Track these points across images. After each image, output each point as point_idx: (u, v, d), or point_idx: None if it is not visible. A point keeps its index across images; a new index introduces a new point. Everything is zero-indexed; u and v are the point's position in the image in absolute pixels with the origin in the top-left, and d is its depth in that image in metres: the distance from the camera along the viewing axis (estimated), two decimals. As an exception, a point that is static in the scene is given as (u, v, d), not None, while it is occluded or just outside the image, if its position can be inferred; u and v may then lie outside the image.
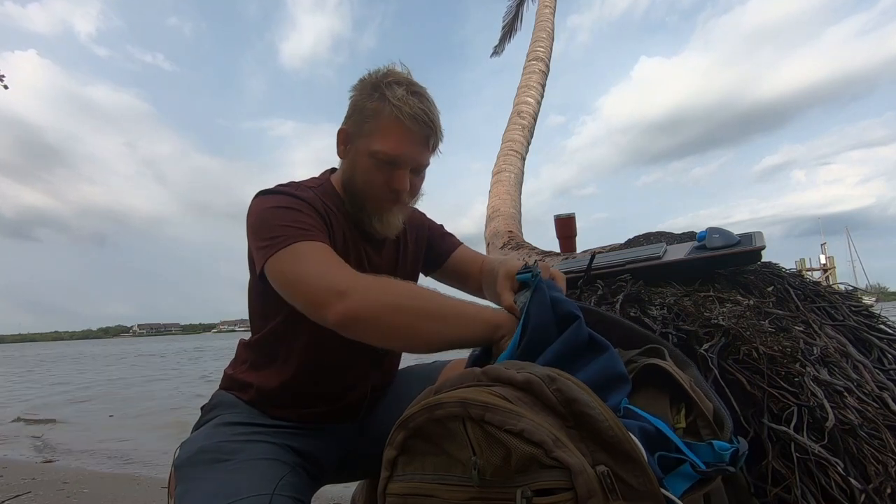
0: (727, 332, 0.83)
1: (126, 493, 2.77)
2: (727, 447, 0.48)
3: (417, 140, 0.82)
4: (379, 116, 0.80)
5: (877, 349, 0.91)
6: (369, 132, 0.81)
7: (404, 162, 0.81)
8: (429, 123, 0.81)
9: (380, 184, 0.82)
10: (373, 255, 0.90)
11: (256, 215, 0.78)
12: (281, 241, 0.72)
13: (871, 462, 0.65)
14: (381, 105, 0.80)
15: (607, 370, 0.55)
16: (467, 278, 1.01)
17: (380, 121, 0.80)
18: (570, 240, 1.81)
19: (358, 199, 0.85)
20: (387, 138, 0.80)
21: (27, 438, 4.71)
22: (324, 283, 0.67)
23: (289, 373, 0.85)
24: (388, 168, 0.81)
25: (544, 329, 0.60)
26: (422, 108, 0.80)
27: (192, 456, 0.75)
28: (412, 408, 0.49)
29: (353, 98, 0.85)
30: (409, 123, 0.79)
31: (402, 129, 0.79)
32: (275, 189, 0.82)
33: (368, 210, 0.84)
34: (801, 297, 1.00)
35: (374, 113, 0.80)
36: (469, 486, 0.44)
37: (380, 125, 0.80)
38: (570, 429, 0.44)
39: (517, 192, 4.40)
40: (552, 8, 6.25)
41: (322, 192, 0.86)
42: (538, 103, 5.28)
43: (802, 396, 0.72)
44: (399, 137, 0.80)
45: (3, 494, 2.63)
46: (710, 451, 0.48)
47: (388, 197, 0.83)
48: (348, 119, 0.85)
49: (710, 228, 1.08)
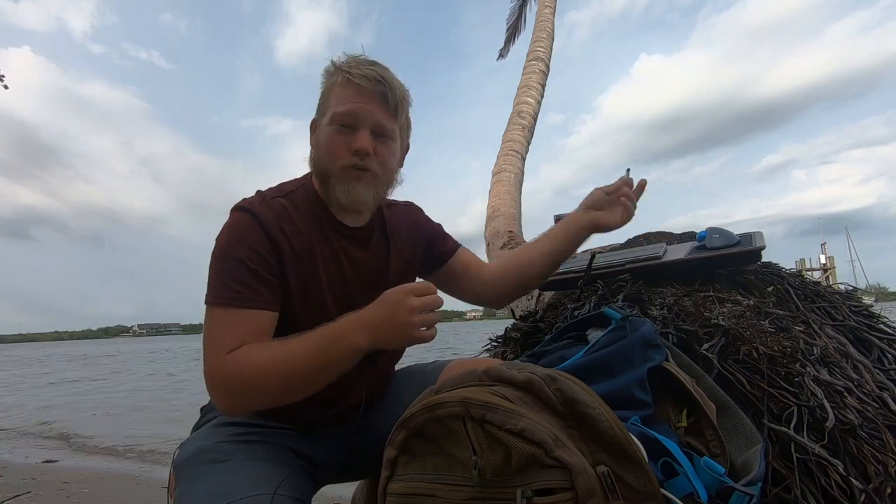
0: (727, 332, 0.83)
1: (126, 493, 2.77)
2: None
3: (371, 96, 0.81)
4: (334, 87, 0.82)
5: (877, 349, 0.91)
6: (327, 107, 0.83)
7: (361, 120, 0.80)
8: (381, 80, 0.81)
9: (341, 149, 0.81)
10: (354, 251, 0.88)
11: (217, 247, 0.78)
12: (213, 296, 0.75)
13: (871, 462, 0.65)
14: (334, 78, 0.82)
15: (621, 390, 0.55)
16: (465, 281, 1.01)
17: (335, 90, 0.82)
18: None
19: (325, 176, 0.83)
20: (341, 100, 0.81)
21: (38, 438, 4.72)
22: (206, 370, 0.72)
23: None
24: (348, 131, 0.81)
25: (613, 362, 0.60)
26: (372, 68, 0.81)
27: (191, 456, 0.75)
28: (413, 407, 0.49)
29: (320, 90, 0.87)
30: (360, 81, 0.80)
31: (353, 87, 0.80)
32: (246, 206, 0.80)
33: (333, 183, 0.82)
34: (801, 297, 1.00)
35: (331, 87, 0.83)
36: (469, 485, 0.44)
37: (335, 93, 0.82)
38: (571, 429, 0.44)
39: (517, 192, 4.39)
40: (552, 8, 6.25)
41: (301, 194, 0.85)
42: (538, 103, 5.28)
43: (802, 396, 0.72)
44: (352, 95, 0.80)
45: (3, 494, 2.63)
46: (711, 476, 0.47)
47: (351, 162, 0.81)
48: (317, 109, 0.88)
49: (710, 228, 1.08)
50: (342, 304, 0.81)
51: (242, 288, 0.75)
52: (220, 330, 0.74)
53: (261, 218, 0.79)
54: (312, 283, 0.81)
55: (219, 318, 0.75)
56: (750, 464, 0.53)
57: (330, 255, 0.85)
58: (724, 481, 0.46)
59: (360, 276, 0.87)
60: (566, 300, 1.17)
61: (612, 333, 0.62)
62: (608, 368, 0.57)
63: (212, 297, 0.75)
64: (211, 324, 0.75)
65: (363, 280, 0.88)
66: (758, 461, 0.53)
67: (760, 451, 0.55)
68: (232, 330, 0.74)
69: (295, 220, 0.82)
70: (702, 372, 0.69)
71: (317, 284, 0.81)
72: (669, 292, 1.00)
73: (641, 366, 0.59)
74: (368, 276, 0.89)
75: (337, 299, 0.83)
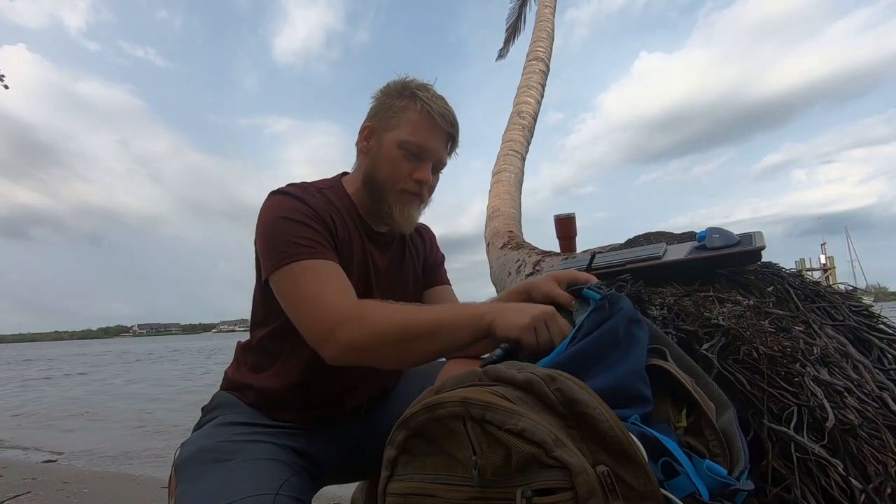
0: (727, 332, 0.83)
1: (126, 493, 2.77)
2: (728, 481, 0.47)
3: (442, 136, 0.87)
4: (408, 111, 0.85)
5: (877, 349, 0.91)
6: (397, 125, 0.85)
7: (430, 154, 0.86)
8: (453, 122, 0.88)
9: (404, 175, 0.85)
10: (378, 256, 0.91)
11: (266, 221, 0.79)
12: (285, 256, 0.75)
13: (871, 462, 0.65)
14: (410, 102, 0.85)
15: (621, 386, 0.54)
16: None
17: (409, 114, 0.85)
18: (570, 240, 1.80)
19: (379, 190, 0.87)
20: (416, 130, 0.84)
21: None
22: (315, 318, 0.70)
23: (288, 376, 0.85)
24: (414, 160, 0.85)
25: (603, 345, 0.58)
26: (447, 108, 0.87)
27: (192, 456, 0.75)
28: (412, 407, 0.49)
29: (380, 99, 0.90)
30: (438, 119, 0.85)
31: (431, 122, 0.85)
32: (287, 191, 0.83)
33: (390, 201, 0.86)
34: (801, 297, 1.00)
35: (404, 109, 0.86)
36: (469, 485, 0.44)
37: (409, 118, 0.85)
38: (571, 429, 0.44)
39: (517, 192, 4.40)
40: (552, 8, 6.25)
41: (333, 193, 0.88)
42: (538, 103, 5.28)
43: (802, 396, 0.72)
44: (428, 130, 0.85)
45: (3, 494, 2.63)
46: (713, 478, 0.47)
47: (411, 188, 0.86)
48: (373, 117, 0.89)
49: (710, 228, 1.08)
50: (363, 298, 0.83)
51: (317, 245, 0.77)
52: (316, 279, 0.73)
53: (309, 202, 0.81)
54: (347, 273, 0.82)
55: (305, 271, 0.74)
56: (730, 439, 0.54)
57: (361, 253, 0.88)
58: (727, 482, 0.46)
59: (379, 278, 0.91)
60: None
61: (594, 315, 0.61)
62: (597, 354, 0.56)
63: (287, 256, 0.74)
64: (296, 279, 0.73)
65: (381, 282, 0.91)
66: (737, 436, 0.54)
67: (734, 419, 0.55)
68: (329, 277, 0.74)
69: (334, 213, 0.85)
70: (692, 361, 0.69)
71: (350, 276, 0.82)
72: (669, 292, 1.00)
73: (629, 347, 0.58)
74: (386, 280, 0.93)
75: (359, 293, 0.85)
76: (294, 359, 0.86)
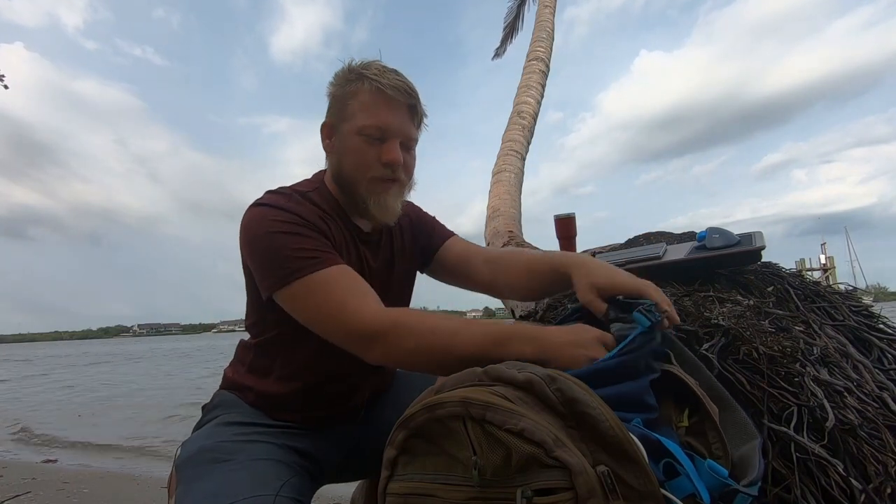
0: (727, 332, 0.83)
1: (126, 493, 2.77)
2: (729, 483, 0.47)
3: (401, 109, 0.81)
4: (359, 94, 0.80)
5: (877, 349, 0.91)
6: (352, 113, 0.80)
7: (393, 132, 0.80)
8: (410, 91, 0.81)
9: (372, 161, 0.80)
10: (370, 257, 0.88)
11: (256, 237, 0.74)
12: (290, 272, 0.71)
13: (871, 462, 0.65)
14: (358, 85, 0.80)
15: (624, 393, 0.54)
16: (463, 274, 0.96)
17: (361, 97, 0.80)
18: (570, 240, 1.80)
19: (350, 185, 0.82)
20: (371, 111, 0.79)
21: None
22: (356, 323, 0.67)
23: (288, 379, 0.85)
24: (378, 143, 0.80)
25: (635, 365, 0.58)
26: (400, 79, 0.81)
27: (192, 455, 0.75)
28: (413, 407, 0.49)
29: (331, 90, 0.85)
30: (391, 93, 0.79)
31: (384, 98, 0.79)
32: (268, 202, 0.77)
33: (363, 194, 0.81)
34: (801, 297, 1.00)
35: (354, 93, 0.80)
36: (469, 485, 0.44)
37: (362, 101, 0.80)
38: (571, 429, 0.44)
39: (517, 192, 4.40)
40: (552, 8, 6.25)
41: (318, 196, 0.83)
42: (538, 103, 5.28)
43: (802, 396, 0.72)
44: (383, 108, 0.79)
45: (3, 494, 2.63)
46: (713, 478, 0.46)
47: (382, 174, 0.81)
48: (329, 111, 0.85)
49: (710, 228, 1.08)
50: None
51: (320, 253, 0.73)
52: (336, 289, 0.70)
53: (295, 210, 0.77)
54: None
55: (319, 284, 0.70)
56: (747, 460, 0.53)
57: (356, 256, 0.85)
58: (728, 483, 0.46)
59: (371, 278, 0.89)
60: (566, 300, 1.17)
61: (643, 336, 0.61)
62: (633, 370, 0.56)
63: (291, 273, 0.70)
64: (312, 295, 0.70)
65: (373, 282, 0.89)
66: (756, 458, 0.53)
67: (758, 447, 0.54)
68: (348, 284, 0.71)
69: (325, 217, 0.81)
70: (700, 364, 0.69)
71: None
72: (669, 292, 1.00)
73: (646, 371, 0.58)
74: (378, 279, 0.89)
75: None
76: (292, 367, 0.85)
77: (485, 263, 0.94)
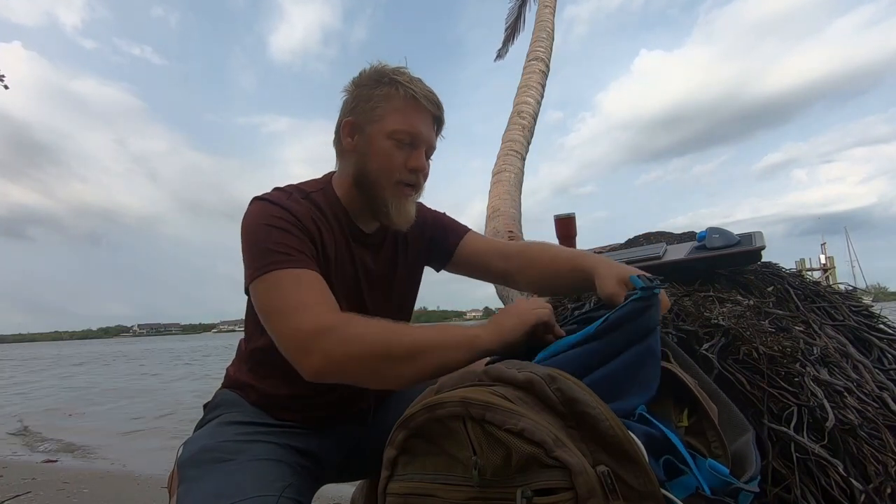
0: (727, 332, 0.83)
1: (126, 493, 2.77)
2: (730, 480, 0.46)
3: (429, 120, 0.84)
4: (392, 99, 0.82)
5: (877, 349, 0.91)
6: (382, 116, 0.82)
7: (423, 140, 0.83)
8: (438, 104, 0.85)
9: (399, 165, 0.82)
10: (369, 259, 0.88)
11: (248, 227, 0.76)
12: (264, 265, 0.72)
13: (871, 462, 0.65)
14: (392, 89, 0.82)
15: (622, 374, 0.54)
16: (483, 268, 0.97)
17: (394, 102, 0.82)
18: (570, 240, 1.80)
19: (374, 187, 0.83)
20: (405, 117, 0.81)
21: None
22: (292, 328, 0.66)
23: (290, 381, 0.84)
24: (408, 148, 0.82)
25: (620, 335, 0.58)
26: (429, 90, 0.84)
27: (194, 455, 0.75)
28: (413, 407, 0.49)
29: (356, 90, 0.85)
30: (424, 102, 0.82)
31: (417, 107, 0.82)
32: (269, 197, 0.80)
33: (385, 198, 0.82)
34: (801, 297, 1.00)
35: (386, 97, 0.82)
36: (469, 485, 0.44)
37: (395, 106, 0.81)
38: (571, 429, 0.44)
39: (517, 192, 4.39)
40: (552, 8, 6.25)
41: (321, 196, 0.85)
42: (538, 103, 5.28)
43: (802, 396, 0.72)
44: (416, 115, 0.82)
45: (3, 494, 2.63)
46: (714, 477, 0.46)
47: (407, 179, 0.83)
48: (353, 110, 0.84)
49: (710, 228, 1.08)
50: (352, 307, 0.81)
51: (297, 253, 0.74)
52: (296, 289, 0.70)
53: (291, 208, 0.78)
54: (333, 281, 0.80)
55: (283, 280, 0.71)
56: (742, 455, 0.53)
57: (348, 259, 0.85)
58: (729, 481, 0.46)
59: (371, 282, 0.89)
60: (566, 300, 1.17)
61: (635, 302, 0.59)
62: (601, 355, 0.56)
63: (266, 264, 0.72)
64: (275, 289, 0.70)
65: (374, 286, 0.89)
66: (751, 452, 0.53)
67: (751, 440, 0.54)
68: (309, 287, 0.71)
69: (318, 218, 0.82)
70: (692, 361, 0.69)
71: (335, 284, 0.81)
72: (669, 292, 1.00)
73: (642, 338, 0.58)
74: (379, 283, 0.90)
75: (347, 301, 0.83)
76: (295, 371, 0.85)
77: (501, 259, 0.95)
